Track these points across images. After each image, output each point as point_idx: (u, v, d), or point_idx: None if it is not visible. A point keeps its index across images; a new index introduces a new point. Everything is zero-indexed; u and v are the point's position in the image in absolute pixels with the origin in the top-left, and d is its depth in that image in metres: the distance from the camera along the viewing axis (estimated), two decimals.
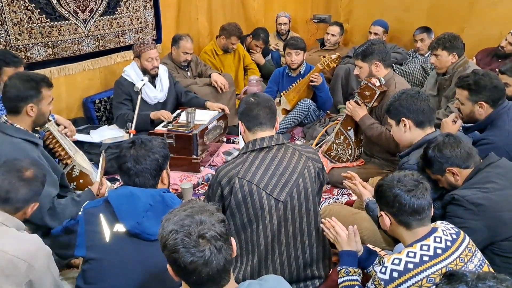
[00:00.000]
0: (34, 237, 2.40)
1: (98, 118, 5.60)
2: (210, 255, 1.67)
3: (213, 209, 1.81)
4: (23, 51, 4.72)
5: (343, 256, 2.61)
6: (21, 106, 3.08)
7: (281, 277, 2.06)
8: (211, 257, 1.67)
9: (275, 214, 2.72)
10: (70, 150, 3.73)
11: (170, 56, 5.91)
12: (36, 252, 2.32)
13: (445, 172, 2.85)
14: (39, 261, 2.30)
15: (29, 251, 2.28)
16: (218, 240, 1.70)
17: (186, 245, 1.67)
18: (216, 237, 1.70)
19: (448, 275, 1.58)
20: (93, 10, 5.33)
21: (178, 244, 1.67)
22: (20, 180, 2.50)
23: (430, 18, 6.63)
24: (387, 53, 4.27)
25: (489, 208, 2.61)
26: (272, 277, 2.00)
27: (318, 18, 7.92)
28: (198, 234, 1.68)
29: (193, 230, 1.69)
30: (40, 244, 2.37)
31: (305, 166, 2.79)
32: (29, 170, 2.56)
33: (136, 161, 2.46)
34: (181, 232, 1.69)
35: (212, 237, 1.69)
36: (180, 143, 4.70)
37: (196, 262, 1.66)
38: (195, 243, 1.67)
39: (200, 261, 1.66)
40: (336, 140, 4.48)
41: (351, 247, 2.61)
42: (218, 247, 1.70)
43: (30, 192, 2.52)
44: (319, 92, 5.53)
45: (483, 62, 5.72)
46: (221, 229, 1.73)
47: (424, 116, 3.23)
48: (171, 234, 1.70)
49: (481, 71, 3.60)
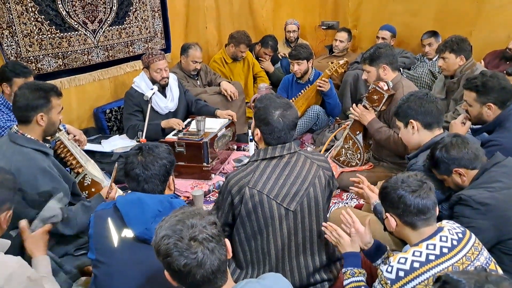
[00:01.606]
0: (12, 260, 2.23)
1: (109, 128, 5.63)
2: (203, 256, 1.71)
3: (204, 212, 1.84)
4: (34, 62, 4.77)
5: (347, 258, 2.61)
6: (31, 116, 3.10)
7: (280, 274, 2.09)
8: (204, 259, 1.71)
9: (285, 223, 2.71)
10: (81, 159, 3.75)
11: (180, 65, 5.94)
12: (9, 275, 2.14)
13: (452, 173, 2.85)
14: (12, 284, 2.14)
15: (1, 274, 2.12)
16: (210, 242, 1.74)
17: (178, 249, 1.71)
18: (208, 239, 1.74)
19: (442, 282, 1.56)
20: (102, 20, 5.38)
21: (171, 249, 1.71)
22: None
23: (437, 22, 6.62)
24: (394, 56, 4.27)
25: (496, 207, 2.60)
26: (270, 275, 2.04)
27: (327, 25, 7.93)
28: (190, 237, 1.72)
29: (185, 234, 1.73)
30: (18, 268, 2.20)
31: (316, 175, 2.77)
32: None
33: (145, 167, 2.48)
34: (173, 236, 1.73)
35: (204, 239, 1.73)
36: (191, 151, 4.70)
37: (190, 265, 1.70)
38: (188, 246, 1.71)
39: (193, 263, 1.70)
40: (345, 145, 4.48)
41: (355, 248, 2.62)
42: (211, 248, 1.73)
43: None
44: (327, 99, 5.54)
45: (491, 64, 5.71)
46: (213, 231, 1.77)
47: (432, 118, 3.23)
48: (163, 240, 1.74)
49: (488, 73, 3.58)
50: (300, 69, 5.61)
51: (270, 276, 2.03)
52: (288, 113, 2.71)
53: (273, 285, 1.95)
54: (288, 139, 2.75)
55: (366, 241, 2.66)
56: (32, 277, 2.22)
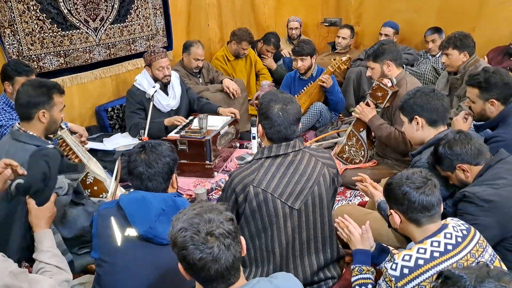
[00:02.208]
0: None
1: (111, 126, 5.63)
2: (218, 251, 1.70)
3: (221, 208, 1.83)
4: (36, 61, 4.77)
5: (356, 255, 2.62)
6: (33, 112, 3.10)
7: (291, 274, 2.08)
8: (219, 254, 1.70)
9: (290, 222, 2.70)
10: (83, 157, 3.74)
11: (182, 63, 5.93)
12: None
13: (455, 169, 2.84)
14: None
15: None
16: (227, 238, 1.73)
17: (195, 242, 1.70)
18: (224, 234, 1.73)
19: (443, 277, 1.55)
20: (103, 18, 5.38)
21: (188, 242, 1.71)
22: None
23: (440, 19, 6.60)
24: (398, 52, 4.27)
25: (500, 204, 2.59)
26: (281, 274, 2.02)
27: (329, 22, 7.92)
28: (207, 231, 1.71)
29: (202, 228, 1.72)
30: None
31: (321, 173, 2.75)
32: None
33: (148, 165, 2.47)
34: (190, 230, 1.72)
35: (220, 235, 1.72)
36: (193, 149, 4.70)
37: (205, 259, 1.69)
38: (204, 240, 1.70)
39: (209, 258, 1.69)
40: (349, 142, 4.47)
41: (365, 246, 2.63)
42: (227, 244, 1.72)
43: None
44: (330, 95, 5.55)
45: (494, 61, 5.69)
46: (230, 227, 1.76)
47: (437, 115, 3.22)
48: (180, 232, 1.73)
49: (491, 69, 3.58)
50: (304, 65, 5.62)
51: (281, 275, 2.02)
52: (288, 107, 2.69)
53: (284, 284, 1.95)
54: (290, 135, 2.73)
55: (368, 246, 2.67)
56: (15, 271, 2.17)
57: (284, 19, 7.77)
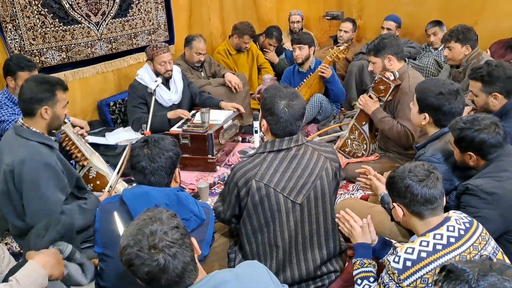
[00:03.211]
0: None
1: (113, 121, 5.64)
2: (164, 262, 1.72)
3: (165, 216, 1.85)
4: (38, 55, 4.78)
5: (357, 249, 2.62)
6: (36, 108, 3.09)
7: (256, 261, 2.13)
8: (166, 264, 1.72)
9: (292, 216, 2.70)
10: (86, 152, 3.75)
11: (183, 57, 5.93)
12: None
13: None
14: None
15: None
16: (172, 248, 1.75)
17: (140, 258, 1.73)
18: (168, 245, 1.75)
19: (446, 271, 1.55)
20: (105, 13, 5.38)
21: (133, 258, 1.74)
22: None
23: (442, 12, 6.58)
24: (399, 46, 4.25)
25: (503, 197, 2.60)
26: (246, 262, 2.08)
27: (331, 15, 7.89)
28: (150, 245, 1.73)
29: (145, 243, 1.74)
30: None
31: (323, 167, 2.75)
32: None
33: (151, 160, 2.47)
34: (134, 247, 1.75)
35: (164, 247, 1.74)
36: (196, 143, 4.70)
37: (153, 272, 1.72)
38: (148, 255, 1.72)
39: (156, 270, 1.72)
40: (351, 136, 4.47)
41: (366, 239, 2.63)
42: (172, 254, 1.74)
43: None
44: (330, 86, 5.53)
45: (497, 54, 5.67)
46: (174, 236, 1.78)
47: (447, 121, 3.12)
48: (125, 250, 1.77)
49: (494, 62, 3.56)
50: (302, 54, 5.62)
51: (245, 263, 2.07)
52: (294, 103, 2.69)
53: (245, 271, 1.96)
54: (295, 130, 2.73)
55: (371, 239, 2.68)
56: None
57: (286, 13, 7.75)
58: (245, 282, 1.89)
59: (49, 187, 3.04)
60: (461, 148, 2.87)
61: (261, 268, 2.02)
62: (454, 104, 3.14)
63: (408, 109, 3.63)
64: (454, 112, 3.12)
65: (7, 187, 3.04)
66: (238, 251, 2.95)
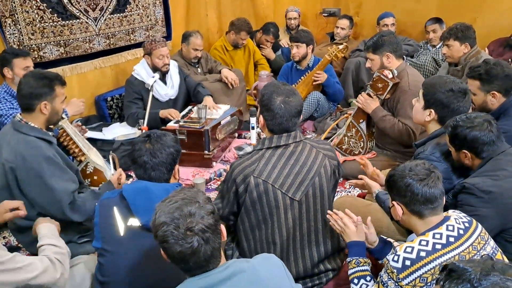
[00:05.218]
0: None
1: (111, 116, 5.64)
2: (197, 245, 1.76)
3: (203, 199, 1.88)
4: (36, 50, 4.77)
5: (352, 247, 2.60)
6: (35, 104, 3.09)
7: (272, 254, 2.14)
8: (198, 248, 1.77)
9: (290, 213, 2.70)
10: (83, 147, 3.75)
11: (180, 53, 5.93)
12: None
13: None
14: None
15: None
16: (206, 232, 1.79)
17: (175, 237, 1.77)
18: (204, 229, 1.79)
19: (448, 270, 1.54)
20: (103, 8, 5.37)
21: (168, 236, 1.78)
22: None
23: (440, 9, 6.59)
24: (398, 43, 4.25)
25: (499, 195, 2.61)
26: (261, 255, 2.11)
27: (328, 12, 7.90)
28: (187, 227, 1.77)
29: (182, 223, 1.78)
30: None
31: (322, 164, 2.75)
32: None
33: (153, 155, 2.49)
34: (171, 224, 1.78)
35: (200, 230, 1.78)
36: (192, 139, 4.71)
37: (184, 252, 1.77)
38: (183, 236, 1.76)
39: (188, 251, 1.76)
40: (348, 133, 4.47)
41: (360, 237, 2.61)
42: (206, 239, 1.79)
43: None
44: (327, 88, 5.56)
45: (495, 52, 5.69)
46: (209, 221, 1.82)
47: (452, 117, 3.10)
48: (161, 226, 1.79)
49: (492, 61, 3.57)
50: (299, 53, 5.61)
51: (261, 255, 2.09)
52: (290, 100, 2.70)
53: (261, 262, 2.00)
54: (291, 127, 2.73)
55: (371, 241, 2.68)
56: (2, 260, 2.24)
57: (283, 9, 7.74)
58: (260, 274, 1.92)
59: (54, 178, 3.06)
60: (455, 146, 2.88)
61: (277, 262, 2.06)
62: (462, 103, 3.13)
63: (408, 107, 3.63)
64: (461, 111, 3.10)
65: (7, 182, 3.05)
66: (235, 248, 2.96)
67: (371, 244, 2.67)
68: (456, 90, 3.13)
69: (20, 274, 2.25)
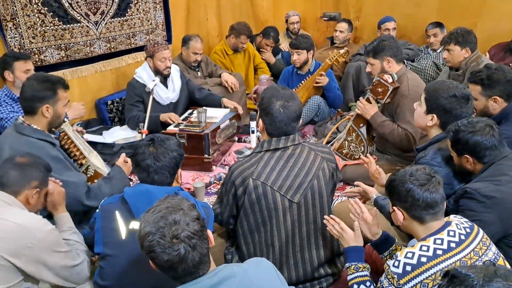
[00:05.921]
0: (38, 216, 2.49)
1: (111, 119, 5.64)
2: (184, 252, 1.76)
3: (187, 206, 1.88)
4: (37, 53, 4.77)
5: (350, 252, 2.59)
6: (37, 107, 3.11)
7: (264, 258, 2.13)
8: (185, 255, 1.76)
9: (289, 215, 2.71)
10: (84, 150, 3.75)
11: (180, 57, 5.95)
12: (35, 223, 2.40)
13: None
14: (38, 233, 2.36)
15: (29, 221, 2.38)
16: (193, 239, 1.79)
17: (161, 246, 1.77)
18: (190, 236, 1.79)
19: (450, 276, 1.53)
20: (104, 12, 5.37)
21: (154, 245, 1.78)
22: (11, 166, 2.59)
23: (441, 13, 6.59)
24: (398, 48, 4.24)
25: (501, 200, 2.60)
26: (252, 259, 2.11)
27: (328, 16, 7.90)
28: (172, 235, 1.77)
29: (167, 231, 1.78)
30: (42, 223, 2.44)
31: (320, 167, 2.77)
32: (23, 157, 2.66)
33: (156, 159, 2.50)
34: (156, 234, 1.78)
35: (186, 237, 1.78)
36: (192, 143, 4.70)
37: (172, 260, 1.77)
38: (170, 244, 1.76)
39: (175, 259, 1.76)
40: (348, 138, 4.47)
41: (358, 242, 2.60)
42: (193, 245, 1.78)
43: (20, 175, 2.56)
44: (327, 92, 5.56)
45: (496, 57, 5.68)
46: (195, 228, 1.82)
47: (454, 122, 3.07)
48: (147, 236, 1.80)
49: (493, 65, 3.56)
50: (299, 59, 5.61)
51: (251, 260, 2.09)
52: (289, 104, 2.71)
53: (253, 267, 2.00)
54: (290, 131, 2.75)
55: (374, 232, 2.66)
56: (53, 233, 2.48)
57: (283, 14, 7.76)
58: (252, 278, 1.92)
59: (65, 173, 3.10)
60: (457, 151, 2.87)
61: (269, 266, 2.06)
62: (465, 109, 3.11)
63: (408, 112, 3.63)
64: (464, 117, 3.06)
65: None
66: (235, 252, 2.96)
67: (373, 235, 2.66)
68: (459, 96, 3.11)
69: None
